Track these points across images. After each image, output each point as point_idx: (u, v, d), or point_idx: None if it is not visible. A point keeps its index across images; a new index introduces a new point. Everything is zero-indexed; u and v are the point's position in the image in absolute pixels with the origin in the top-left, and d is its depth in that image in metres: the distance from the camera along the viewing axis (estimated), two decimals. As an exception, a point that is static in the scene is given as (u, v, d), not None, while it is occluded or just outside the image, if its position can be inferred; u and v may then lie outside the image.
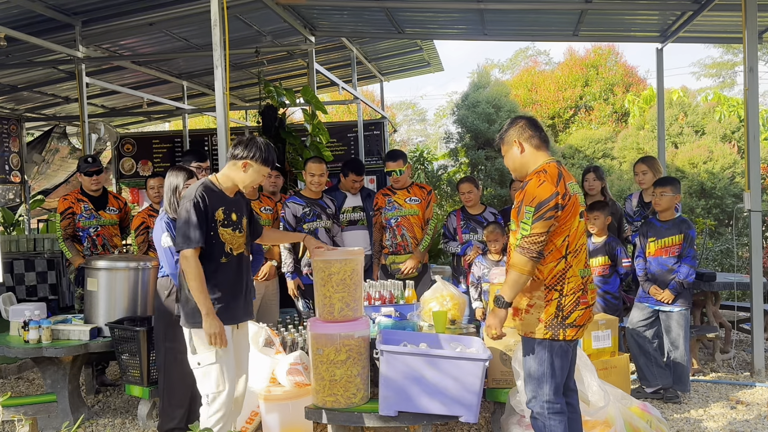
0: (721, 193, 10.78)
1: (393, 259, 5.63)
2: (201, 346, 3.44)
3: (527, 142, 3.30)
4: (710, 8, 6.47)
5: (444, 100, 39.15)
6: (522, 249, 3.10)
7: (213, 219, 3.46)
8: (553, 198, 3.10)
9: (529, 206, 3.11)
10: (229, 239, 3.52)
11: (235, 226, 3.56)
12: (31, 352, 4.65)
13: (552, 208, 3.10)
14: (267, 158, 3.57)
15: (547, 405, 3.20)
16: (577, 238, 3.23)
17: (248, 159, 3.52)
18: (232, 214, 3.56)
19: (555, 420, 3.19)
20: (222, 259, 3.50)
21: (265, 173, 3.62)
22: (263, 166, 3.56)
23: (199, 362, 3.46)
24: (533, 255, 3.09)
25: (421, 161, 13.91)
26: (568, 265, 3.18)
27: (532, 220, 3.09)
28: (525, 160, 3.31)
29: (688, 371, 4.99)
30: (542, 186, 3.13)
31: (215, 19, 5.08)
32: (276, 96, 7.15)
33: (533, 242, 3.08)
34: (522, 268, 3.11)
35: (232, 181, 3.58)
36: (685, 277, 4.88)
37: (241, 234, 3.60)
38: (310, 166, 5.42)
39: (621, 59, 17.36)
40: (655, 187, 5.10)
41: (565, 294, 3.18)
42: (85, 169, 5.67)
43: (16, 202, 10.56)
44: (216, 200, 3.50)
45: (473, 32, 8.63)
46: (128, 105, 11.69)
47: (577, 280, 3.20)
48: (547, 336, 3.18)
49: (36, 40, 6.67)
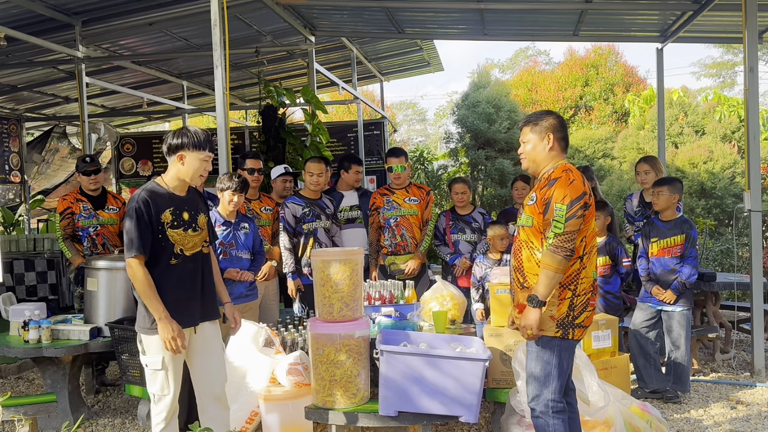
0: (721, 193, 10.77)
1: (392, 259, 5.62)
2: (151, 348, 3.39)
3: (558, 141, 3.28)
4: (710, 8, 6.47)
5: (444, 100, 39.15)
6: (556, 248, 3.08)
7: (159, 222, 3.37)
8: (583, 197, 3.12)
9: (560, 204, 3.09)
10: (179, 240, 3.42)
11: (186, 225, 3.45)
12: (31, 352, 4.65)
13: (582, 207, 3.10)
14: (197, 142, 3.39)
15: (551, 404, 3.20)
16: (592, 240, 3.24)
17: (181, 150, 3.39)
18: (183, 213, 3.44)
19: (558, 419, 3.19)
20: (171, 260, 3.40)
21: (204, 157, 3.41)
22: (198, 151, 3.38)
23: (147, 364, 3.43)
24: (567, 253, 3.08)
25: (421, 161, 13.90)
26: (582, 266, 3.19)
27: (565, 218, 3.08)
28: (548, 156, 3.28)
29: (688, 371, 4.99)
30: (573, 184, 3.12)
31: (215, 19, 5.08)
32: (276, 96, 7.15)
33: (566, 240, 3.07)
34: (557, 267, 3.08)
35: (177, 179, 3.46)
36: (688, 277, 4.88)
37: (195, 233, 3.49)
38: (310, 166, 5.41)
39: (621, 59, 17.37)
40: (653, 187, 5.11)
41: (577, 294, 3.18)
42: (83, 169, 5.67)
43: (16, 202, 10.56)
44: (162, 202, 3.40)
45: (473, 32, 8.63)
46: (128, 105, 11.69)
47: (589, 281, 3.21)
48: (558, 334, 3.18)
49: (36, 40, 6.67)
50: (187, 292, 3.44)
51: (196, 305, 3.47)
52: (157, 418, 3.46)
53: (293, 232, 5.29)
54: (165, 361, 3.37)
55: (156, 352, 3.37)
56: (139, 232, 3.30)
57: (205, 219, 3.57)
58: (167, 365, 3.39)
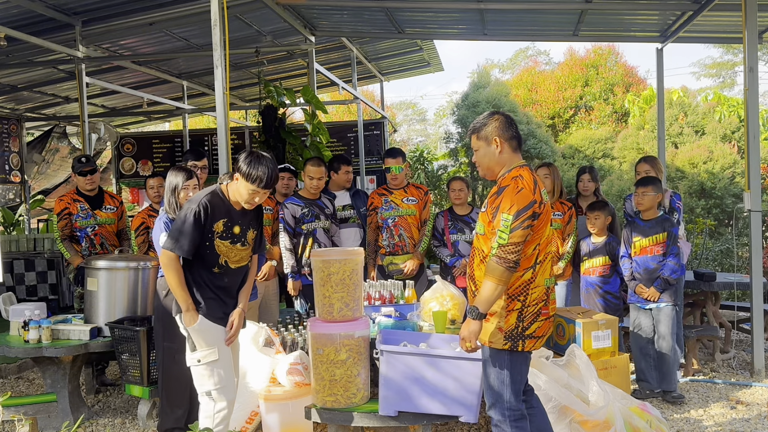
0: (721, 193, 10.77)
1: (390, 259, 5.62)
2: (201, 342, 3.45)
3: (507, 142, 3.15)
4: (710, 8, 6.47)
5: (444, 100, 39.16)
6: (499, 259, 2.96)
7: (211, 230, 3.44)
8: (531, 206, 2.99)
9: (506, 214, 2.98)
10: (225, 251, 3.51)
11: (235, 239, 3.52)
12: (31, 352, 4.65)
13: (530, 217, 2.98)
14: (249, 174, 3.36)
15: (508, 413, 3.13)
16: (546, 247, 3.15)
17: (237, 172, 3.43)
18: (234, 227, 3.52)
19: (516, 427, 3.13)
20: (215, 269, 3.52)
21: (251, 190, 3.40)
22: (247, 182, 3.39)
23: (200, 359, 3.46)
24: (510, 265, 2.96)
25: (421, 161, 13.90)
26: (534, 275, 3.09)
27: (510, 229, 2.96)
28: (501, 160, 3.17)
29: (674, 369, 4.97)
30: (520, 193, 3.00)
31: (215, 19, 5.08)
32: (276, 96, 7.15)
33: (511, 251, 2.95)
34: (499, 278, 2.96)
35: (234, 194, 3.52)
36: (670, 273, 4.88)
37: (243, 248, 3.58)
38: (310, 170, 5.39)
39: (621, 59, 17.36)
40: (637, 187, 5.10)
41: (527, 304, 3.09)
42: (78, 169, 5.66)
43: (16, 202, 10.56)
44: (220, 211, 3.47)
45: (473, 32, 8.63)
46: (128, 105, 11.69)
47: (540, 290, 3.12)
48: (506, 347, 3.09)
49: (36, 40, 6.67)
50: (225, 297, 3.57)
51: (230, 309, 3.60)
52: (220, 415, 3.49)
53: (293, 233, 5.29)
54: (220, 353, 3.45)
55: (210, 343, 3.44)
56: (191, 234, 3.38)
57: (253, 235, 3.64)
58: (222, 355, 3.46)
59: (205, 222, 3.41)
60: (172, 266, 3.41)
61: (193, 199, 3.47)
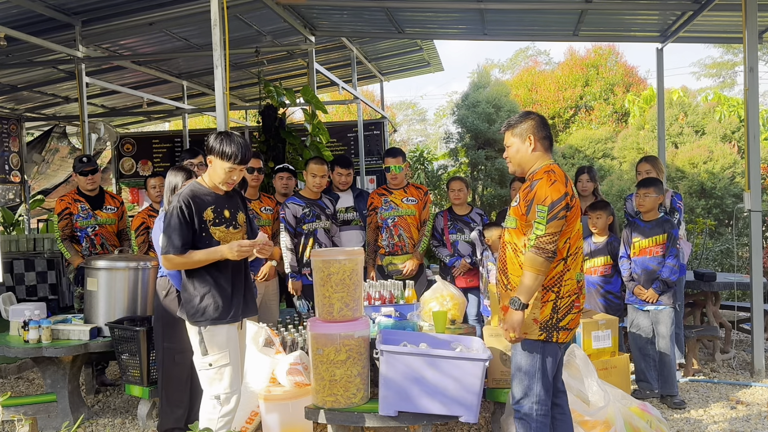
0: (721, 193, 10.76)
1: (390, 259, 5.62)
2: (214, 346, 3.43)
3: (540, 141, 3.27)
4: (710, 8, 6.47)
5: (444, 100, 39.15)
6: (537, 249, 3.07)
7: (202, 220, 3.43)
8: (564, 198, 3.11)
9: (542, 205, 3.09)
10: (223, 237, 3.50)
11: (228, 223, 3.52)
12: (31, 352, 4.65)
13: (564, 208, 3.09)
14: (223, 152, 3.35)
15: (536, 407, 3.18)
16: (577, 241, 3.23)
17: (210, 154, 3.43)
18: (224, 211, 3.52)
19: (540, 422, 3.17)
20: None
21: (227, 168, 3.40)
22: (222, 160, 3.38)
23: (211, 363, 3.43)
24: (548, 255, 3.07)
25: (421, 161, 13.90)
26: (566, 268, 3.18)
27: (546, 220, 3.07)
28: (532, 158, 3.28)
29: (673, 371, 4.97)
30: (554, 186, 3.12)
31: (215, 19, 5.07)
32: (276, 96, 7.15)
33: (548, 242, 3.06)
34: (538, 269, 3.07)
35: (211, 179, 3.52)
36: (668, 275, 4.88)
37: (237, 230, 3.57)
38: (313, 167, 5.38)
39: (621, 59, 17.36)
40: (639, 189, 5.11)
41: (561, 296, 3.17)
42: (80, 169, 5.66)
43: (16, 202, 10.57)
44: (205, 200, 3.46)
45: (473, 32, 8.63)
46: (128, 105, 11.69)
47: (573, 284, 3.20)
48: (542, 337, 3.17)
49: (36, 39, 6.67)
50: (234, 289, 3.53)
51: (239, 302, 3.55)
52: (226, 418, 3.47)
53: (294, 233, 5.29)
54: (231, 355, 3.42)
55: (221, 347, 3.41)
56: (179, 229, 3.36)
57: (243, 217, 3.64)
58: (232, 359, 3.43)
59: (191, 215, 3.39)
60: (180, 260, 3.39)
61: (173, 199, 3.47)
